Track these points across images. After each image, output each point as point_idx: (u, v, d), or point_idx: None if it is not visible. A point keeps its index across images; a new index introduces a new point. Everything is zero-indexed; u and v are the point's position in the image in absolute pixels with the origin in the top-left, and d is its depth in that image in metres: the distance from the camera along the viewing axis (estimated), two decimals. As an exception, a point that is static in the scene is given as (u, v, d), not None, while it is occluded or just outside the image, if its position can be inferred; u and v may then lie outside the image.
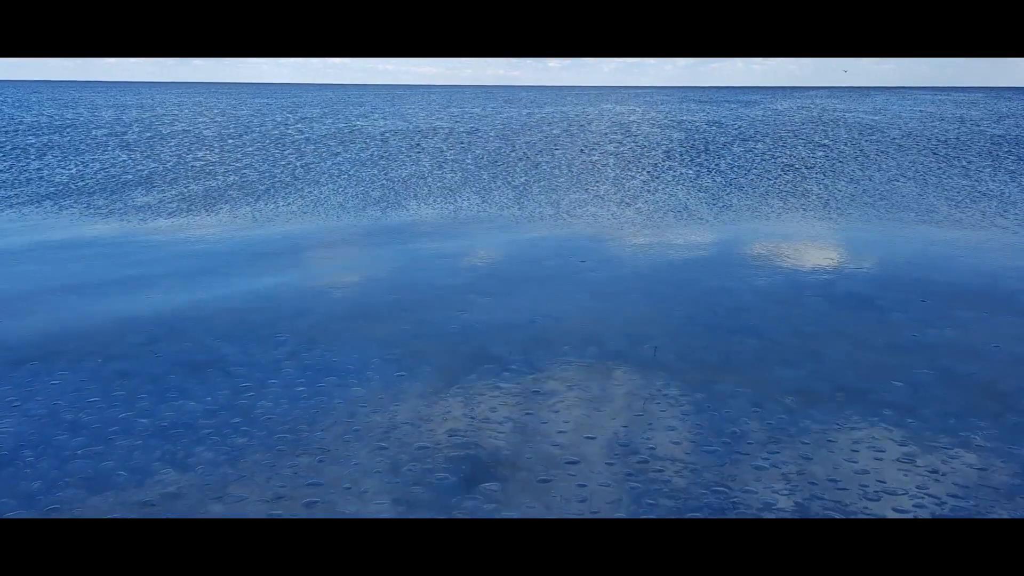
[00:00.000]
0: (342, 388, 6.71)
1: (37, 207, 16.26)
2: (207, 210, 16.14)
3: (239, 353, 7.52)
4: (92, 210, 16.01)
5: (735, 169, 23.65)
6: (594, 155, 27.95)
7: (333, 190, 18.79)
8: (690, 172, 22.84)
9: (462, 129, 41.20)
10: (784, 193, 18.78)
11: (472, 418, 6.16)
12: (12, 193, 17.97)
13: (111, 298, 9.49)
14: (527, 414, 6.24)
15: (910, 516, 4.89)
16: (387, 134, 37.19)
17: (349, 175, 21.61)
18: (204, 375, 6.97)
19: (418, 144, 31.87)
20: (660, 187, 19.73)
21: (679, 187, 19.70)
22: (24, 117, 47.02)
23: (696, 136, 37.37)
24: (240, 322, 8.51)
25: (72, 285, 10.07)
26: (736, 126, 45.13)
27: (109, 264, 11.38)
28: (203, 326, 8.35)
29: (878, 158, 27.01)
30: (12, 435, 5.84)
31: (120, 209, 16.12)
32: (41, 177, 20.58)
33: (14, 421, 6.07)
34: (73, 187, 19.00)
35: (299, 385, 6.76)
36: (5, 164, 23.23)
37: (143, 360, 7.34)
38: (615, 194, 18.57)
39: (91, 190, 18.55)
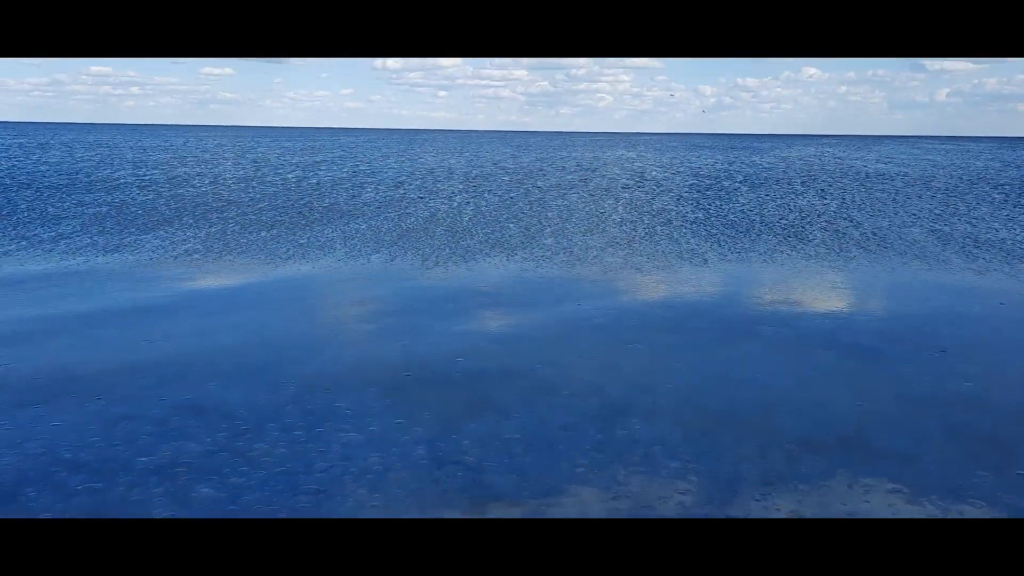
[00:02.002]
0: (340, 432, 6.73)
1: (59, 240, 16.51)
2: (233, 248, 16.29)
3: (241, 396, 7.58)
4: (98, 245, 16.22)
5: (742, 213, 23.71)
6: (605, 201, 28.13)
7: (349, 232, 18.97)
8: (698, 216, 22.92)
9: (476, 173, 41.61)
10: (792, 238, 18.81)
11: (471, 468, 6.16)
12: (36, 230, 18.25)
13: (114, 336, 9.61)
14: (527, 457, 6.24)
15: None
16: (403, 178, 37.60)
17: (366, 216, 21.82)
18: (206, 417, 7.03)
19: (433, 187, 32.20)
20: (668, 232, 19.79)
21: (687, 232, 19.76)
22: (48, 158, 47.94)
23: (705, 182, 37.55)
24: (242, 364, 8.58)
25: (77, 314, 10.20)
26: (744, 173, 45.33)
27: (115, 296, 11.51)
28: (208, 368, 8.43)
29: (885, 206, 27.03)
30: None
31: (139, 244, 16.32)
32: (65, 215, 20.91)
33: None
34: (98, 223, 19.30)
35: (298, 428, 6.79)
36: (32, 202, 23.63)
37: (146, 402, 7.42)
38: (623, 238, 18.65)
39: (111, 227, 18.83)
